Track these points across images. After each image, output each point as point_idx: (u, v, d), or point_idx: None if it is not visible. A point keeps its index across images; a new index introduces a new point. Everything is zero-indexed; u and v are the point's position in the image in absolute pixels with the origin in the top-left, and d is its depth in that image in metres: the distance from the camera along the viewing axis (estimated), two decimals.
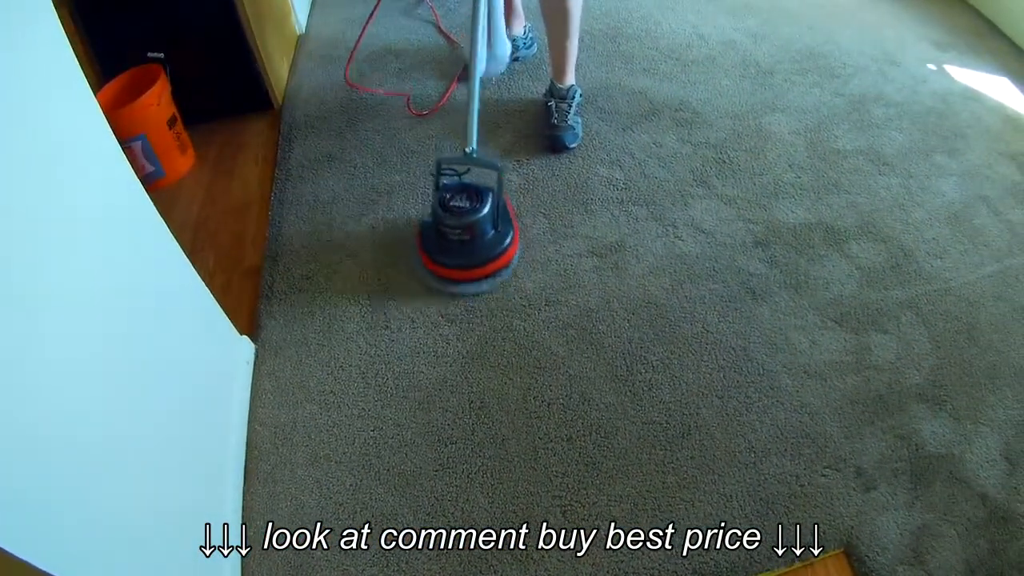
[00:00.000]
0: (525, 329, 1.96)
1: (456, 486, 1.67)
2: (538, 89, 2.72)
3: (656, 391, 1.81)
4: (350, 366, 1.93)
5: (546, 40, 2.50)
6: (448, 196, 2.01)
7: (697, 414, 1.76)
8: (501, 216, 2.07)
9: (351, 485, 1.70)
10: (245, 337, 1.95)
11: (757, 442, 1.71)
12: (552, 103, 2.51)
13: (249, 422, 1.83)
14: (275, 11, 2.93)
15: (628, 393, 1.81)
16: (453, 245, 2.02)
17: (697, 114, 2.59)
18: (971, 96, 2.69)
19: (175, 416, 1.50)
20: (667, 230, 2.18)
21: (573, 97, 2.51)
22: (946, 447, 1.69)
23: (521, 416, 1.78)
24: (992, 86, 2.74)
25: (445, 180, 2.07)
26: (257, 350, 1.98)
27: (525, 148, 2.50)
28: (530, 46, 2.91)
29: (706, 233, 2.17)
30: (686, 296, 2.01)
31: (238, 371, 1.88)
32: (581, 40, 2.47)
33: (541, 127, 2.52)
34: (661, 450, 1.70)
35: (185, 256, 1.66)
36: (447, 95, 2.75)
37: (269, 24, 2.80)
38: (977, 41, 2.96)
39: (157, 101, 2.37)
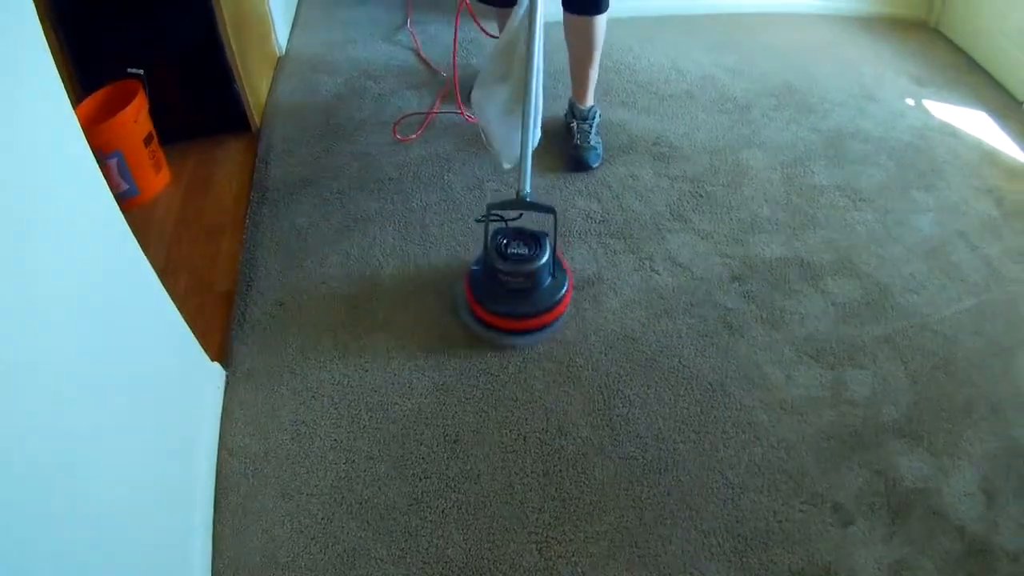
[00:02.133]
0: (501, 362, 2.01)
1: (430, 521, 1.70)
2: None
3: (633, 425, 1.86)
4: (323, 396, 1.95)
5: (568, 61, 2.60)
6: (504, 242, 2.00)
7: (674, 449, 1.80)
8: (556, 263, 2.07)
9: (323, 518, 1.71)
10: (216, 363, 1.97)
11: (734, 477, 1.75)
12: (574, 124, 2.62)
13: (219, 450, 1.84)
14: (256, 31, 2.97)
15: (605, 427, 1.85)
16: (510, 294, 2.01)
17: (674, 148, 2.67)
18: (949, 131, 2.79)
19: (141, 440, 1.50)
20: (644, 263, 2.24)
21: (594, 118, 2.63)
22: (923, 481, 1.74)
23: (496, 450, 1.82)
24: (970, 121, 2.84)
25: (497, 226, 2.06)
26: (228, 377, 2.00)
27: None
28: None
29: (682, 267, 2.23)
30: (663, 330, 2.06)
31: (208, 397, 1.89)
32: (559, 71, 2.54)
33: (564, 146, 2.62)
34: (638, 486, 1.74)
35: (158, 279, 1.68)
36: (428, 119, 2.82)
37: (250, 44, 2.83)
38: (955, 75, 3.07)
39: (135, 118, 2.39)
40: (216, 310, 2.18)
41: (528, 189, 2.04)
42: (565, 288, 2.04)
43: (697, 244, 2.31)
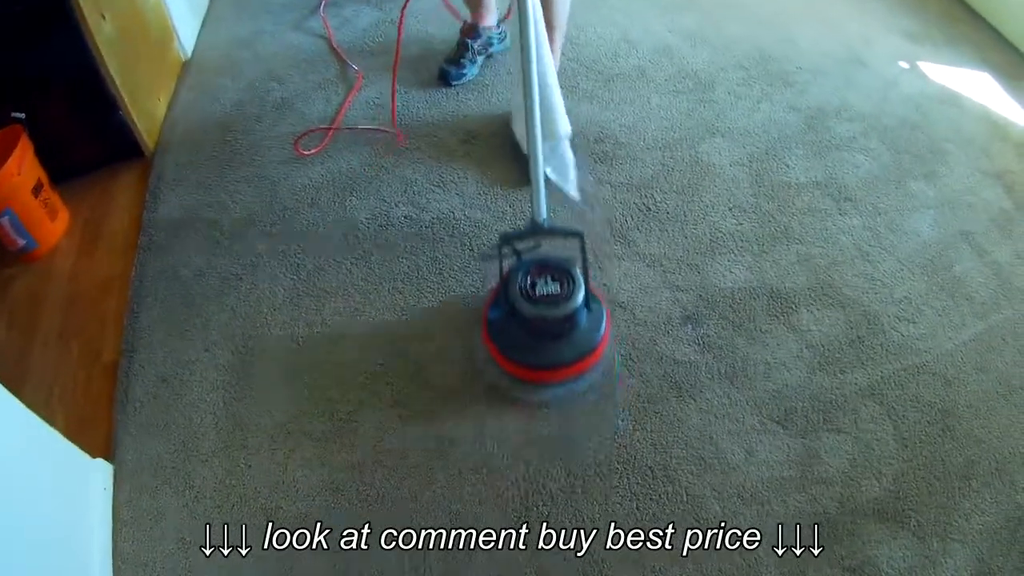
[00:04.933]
0: (401, 448, 1.77)
1: None
2: None
3: (553, 526, 1.63)
4: (205, 498, 1.75)
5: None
6: (531, 282, 1.77)
7: (603, 562, 1.57)
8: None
9: None
10: (100, 460, 1.81)
11: None
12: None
13: (113, 559, 1.68)
14: (150, 42, 2.79)
15: (522, 535, 1.62)
16: (542, 341, 1.79)
17: (620, 144, 2.41)
18: (949, 99, 2.53)
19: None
20: None
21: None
22: (907, 574, 1.53)
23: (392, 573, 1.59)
24: (973, 84, 2.59)
25: (511, 257, 1.86)
26: (115, 471, 1.82)
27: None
28: (504, 39, 2.78)
29: (623, 307, 1.99)
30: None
31: (94, 500, 1.74)
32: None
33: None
34: None
35: (5, 389, 1.49)
36: (335, 124, 2.59)
37: (142, 60, 2.66)
38: (955, 29, 2.82)
39: (18, 170, 2.25)
40: (103, 385, 2.03)
41: (545, 214, 1.82)
42: (604, 321, 1.80)
43: (642, 274, 2.06)
